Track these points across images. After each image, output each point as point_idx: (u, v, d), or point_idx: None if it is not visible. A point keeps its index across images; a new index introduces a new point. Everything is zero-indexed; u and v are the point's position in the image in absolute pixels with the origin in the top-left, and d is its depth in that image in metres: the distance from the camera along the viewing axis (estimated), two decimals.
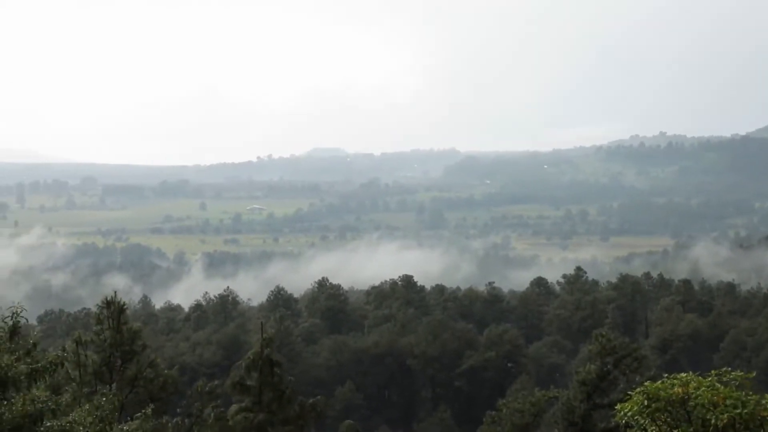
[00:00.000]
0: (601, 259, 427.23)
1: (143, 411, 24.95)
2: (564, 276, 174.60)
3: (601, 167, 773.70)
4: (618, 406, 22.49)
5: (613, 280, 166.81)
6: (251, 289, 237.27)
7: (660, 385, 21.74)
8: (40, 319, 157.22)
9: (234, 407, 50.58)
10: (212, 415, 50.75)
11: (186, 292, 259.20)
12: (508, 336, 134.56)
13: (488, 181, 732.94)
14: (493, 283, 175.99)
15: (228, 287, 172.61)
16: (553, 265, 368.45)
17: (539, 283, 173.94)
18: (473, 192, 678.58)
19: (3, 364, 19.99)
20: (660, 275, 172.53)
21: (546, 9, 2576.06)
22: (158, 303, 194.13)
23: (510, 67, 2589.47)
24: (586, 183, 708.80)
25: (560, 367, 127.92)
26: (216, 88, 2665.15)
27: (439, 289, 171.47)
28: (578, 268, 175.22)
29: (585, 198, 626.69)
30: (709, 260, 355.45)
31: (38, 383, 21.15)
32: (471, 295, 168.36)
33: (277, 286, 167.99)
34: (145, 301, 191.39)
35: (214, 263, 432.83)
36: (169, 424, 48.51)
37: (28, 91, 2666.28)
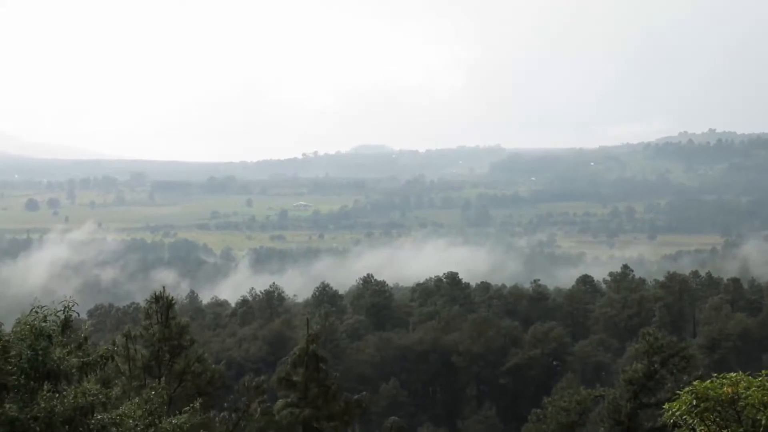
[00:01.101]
0: (649, 257, 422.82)
1: (191, 405, 25.18)
2: (610, 274, 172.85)
3: (649, 164, 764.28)
4: (666, 406, 22.32)
5: (661, 278, 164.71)
6: (297, 285, 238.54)
7: (709, 385, 21.54)
8: (90, 314, 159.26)
9: (280, 402, 50.90)
10: (258, 409, 51.13)
11: (232, 288, 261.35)
12: (554, 334, 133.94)
13: (534, 178, 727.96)
14: (539, 280, 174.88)
15: (274, 283, 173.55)
16: (600, 263, 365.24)
17: (585, 280, 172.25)
18: (519, 189, 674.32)
19: (55, 357, 20.29)
20: (708, 274, 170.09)
21: (592, 1, 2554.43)
22: (205, 298, 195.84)
23: (556, 63, 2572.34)
24: (633, 180, 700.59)
25: (606, 366, 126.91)
26: (263, 86, 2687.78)
27: (484, 286, 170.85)
28: (625, 266, 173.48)
29: (632, 195, 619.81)
30: (759, 259, 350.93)
31: (89, 376, 21.41)
32: (516, 292, 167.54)
33: (323, 283, 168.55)
34: (193, 296, 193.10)
35: (260, 259, 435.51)
36: (217, 419, 48.95)
37: (79, 89, 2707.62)
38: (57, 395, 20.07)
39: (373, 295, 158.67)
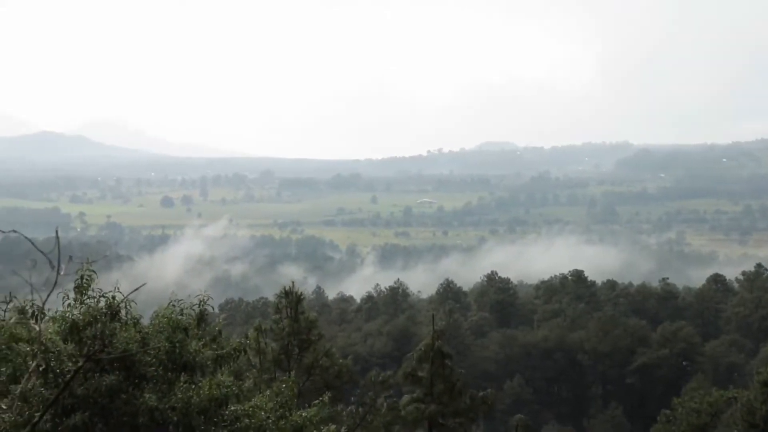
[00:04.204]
0: None
1: (320, 398, 25.67)
2: (743, 273, 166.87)
3: None
4: None
5: None
6: (421, 281, 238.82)
7: None
8: (222, 308, 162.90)
9: (406, 397, 51.18)
10: (385, 404, 51.61)
11: (358, 284, 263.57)
12: (683, 333, 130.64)
13: (662, 175, 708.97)
14: (667, 279, 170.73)
15: (398, 279, 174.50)
16: (732, 262, 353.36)
17: (716, 279, 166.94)
18: (647, 186, 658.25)
19: (191, 350, 20.80)
20: None
21: None
22: (331, 294, 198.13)
23: (686, 56, 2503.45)
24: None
25: (739, 367, 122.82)
26: (389, 84, 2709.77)
27: (611, 284, 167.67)
28: (758, 265, 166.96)
29: (767, 192, 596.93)
30: None
31: (223, 369, 21.89)
32: (644, 291, 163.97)
33: (447, 279, 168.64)
34: (319, 291, 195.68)
35: (385, 255, 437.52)
36: (344, 412, 49.65)
37: (213, 89, 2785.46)
38: (193, 386, 20.52)
39: (498, 292, 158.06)
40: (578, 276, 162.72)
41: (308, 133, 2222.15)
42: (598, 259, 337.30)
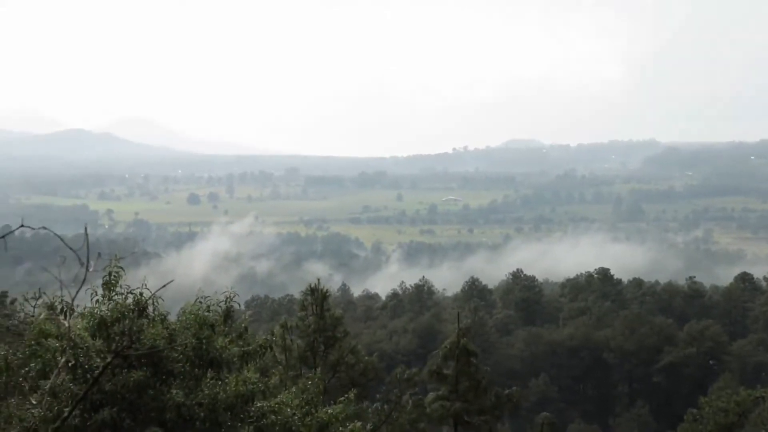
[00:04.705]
0: None
1: (346, 395, 25.74)
2: None
3: None
4: None
5: None
6: (446, 279, 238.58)
7: None
8: (248, 304, 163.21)
9: (431, 395, 51.24)
10: (410, 401, 51.65)
11: (383, 281, 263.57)
12: (710, 332, 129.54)
13: (690, 173, 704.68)
14: (694, 277, 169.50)
15: (423, 277, 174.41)
16: (760, 260, 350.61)
17: (744, 278, 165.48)
18: (674, 184, 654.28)
19: (218, 346, 20.88)
20: None
21: None
22: (356, 291, 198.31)
23: (715, 54, 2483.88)
24: None
25: (767, 367, 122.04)
26: (415, 82, 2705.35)
27: (637, 282, 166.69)
28: None
29: None
30: None
31: (249, 365, 21.98)
32: (670, 289, 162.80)
33: (472, 277, 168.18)
34: (344, 288, 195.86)
35: (410, 253, 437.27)
36: (369, 410, 49.70)
37: (239, 87, 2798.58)
38: (220, 383, 20.64)
39: (523, 290, 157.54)
40: (604, 274, 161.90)
41: (333, 130, 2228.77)
42: (625, 258, 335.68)
